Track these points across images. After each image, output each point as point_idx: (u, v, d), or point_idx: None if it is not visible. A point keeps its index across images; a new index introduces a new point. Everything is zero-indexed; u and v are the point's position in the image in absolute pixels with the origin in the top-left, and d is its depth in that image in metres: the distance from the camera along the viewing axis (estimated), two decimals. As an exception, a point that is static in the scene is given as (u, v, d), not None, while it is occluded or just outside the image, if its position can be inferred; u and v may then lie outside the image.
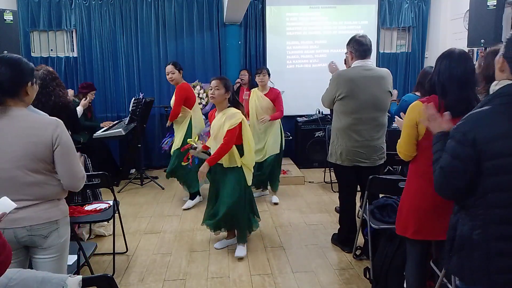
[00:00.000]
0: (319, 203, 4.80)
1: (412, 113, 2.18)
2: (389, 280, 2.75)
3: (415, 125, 2.17)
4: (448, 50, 2.16)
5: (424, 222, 2.22)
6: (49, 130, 1.85)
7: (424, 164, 2.20)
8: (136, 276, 3.16)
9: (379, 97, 3.22)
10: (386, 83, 3.25)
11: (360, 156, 3.27)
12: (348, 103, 3.23)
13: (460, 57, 2.10)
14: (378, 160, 3.32)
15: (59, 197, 1.97)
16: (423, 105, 2.00)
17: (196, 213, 4.48)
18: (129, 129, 5.23)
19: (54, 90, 3.03)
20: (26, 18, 5.83)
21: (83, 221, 3.33)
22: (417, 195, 2.24)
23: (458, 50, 2.14)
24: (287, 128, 6.45)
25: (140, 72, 6.23)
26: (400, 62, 6.72)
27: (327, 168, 5.55)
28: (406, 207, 2.30)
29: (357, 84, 3.19)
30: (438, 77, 2.11)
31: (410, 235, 2.28)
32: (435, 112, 1.89)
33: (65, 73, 6.04)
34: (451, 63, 2.09)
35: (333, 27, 6.45)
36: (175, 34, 6.19)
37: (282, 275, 3.16)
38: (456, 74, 2.07)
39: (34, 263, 1.95)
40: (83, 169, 2.01)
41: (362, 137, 3.24)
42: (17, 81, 1.83)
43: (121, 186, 5.39)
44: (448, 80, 2.08)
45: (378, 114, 3.24)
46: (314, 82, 6.03)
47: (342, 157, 3.32)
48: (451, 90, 2.07)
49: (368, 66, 3.25)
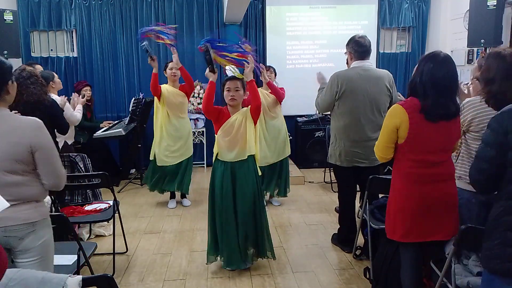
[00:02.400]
0: (319, 203, 4.80)
1: (393, 117, 2.17)
2: (389, 280, 2.75)
3: (395, 129, 2.16)
4: (433, 52, 2.15)
5: (411, 224, 2.21)
6: (28, 131, 1.82)
7: (406, 166, 2.21)
8: (136, 276, 3.16)
9: (376, 97, 3.21)
10: (384, 84, 3.24)
11: (359, 156, 3.27)
12: (346, 103, 3.23)
13: (444, 60, 2.09)
14: (377, 160, 3.30)
15: (38, 198, 1.93)
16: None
17: (196, 213, 4.48)
18: (129, 129, 5.24)
19: (28, 88, 3.03)
20: (26, 18, 5.83)
21: (83, 221, 3.33)
22: (402, 197, 2.24)
23: (443, 54, 2.13)
24: (287, 128, 6.43)
25: (140, 72, 6.23)
26: (400, 62, 6.72)
27: (327, 168, 5.56)
28: (392, 209, 2.30)
29: (355, 84, 3.19)
30: (420, 79, 2.10)
31: (398, 238, 2.27)
32: None
33: (65, 73, 6.05)
34: (435, 66, 2.08)
35: (333, 27, 6.45)
36: (175, 34, 6.18)
37: (282, 275, 3.16)
38: (437, 77, 2.06)
39: (16, 267, 1.92)
40: (63, 168, 1.99)
41: (360, 137, 3.23)
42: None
43: (121, 186, 5.39)
44: (429, 83, 2.07)
45: (376, 115, 3.23)
46: (314, 82, 5.93)
47: (341, 158, 3.32)
48: (430, 94, 2.07)
49: (366, 66, 3.25)
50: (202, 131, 6.19)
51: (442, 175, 2.19)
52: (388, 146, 2.23)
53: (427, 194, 2.17)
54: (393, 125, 2.16)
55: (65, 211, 3.17)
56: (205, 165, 6.28)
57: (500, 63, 2.13)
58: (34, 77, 3.12)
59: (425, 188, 2.17)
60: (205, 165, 6.28)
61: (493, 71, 2.14)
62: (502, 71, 2.10)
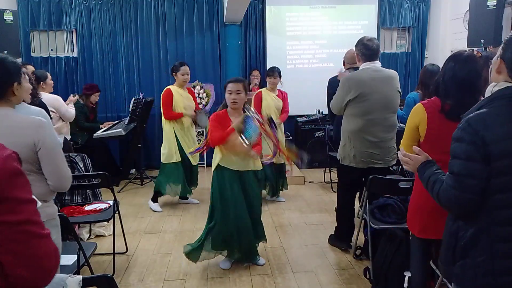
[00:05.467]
0: (319, 203, 4.80)
1: (413, 116, 2.19)
2: (389, 280, 2.75)
3: (416, 128, 2.17)
4: (457, 52, 2.14)
5: (427, 221, 2.22)
6: (31, 131, 1.81)
7: None
8: (136, 276, 3.16)
9: (390, 97, 3.21)
10: (395, 83, 3.26)
11: (374, 157, 3.24)
12: (360, 105, 3.20)
13: (467, 59, 2.07)
14: (392, 160, 3.31)
15: (45, 198, 1.91)
16: (398, 154, 2.01)
17: (196, 213, 4.48)
18: (129, 129, 5.24)
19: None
20: (26, 18, 5.83)
21: (83, 221, 3.33)
22: (422, 195, 2.24)
23: (466, 53, 2.11)
24: (287, 128, 6.44)
25: (140, 72, 6.23)
26: (400, 62, 6.72)
27: (327, 168, 5.56)
28: (412, 206, 2.33)
29: (368, 85, 3.18)
30: (443, 78, 2.10)
31: (416, 233, 2.29)
32: (404, 153, 1.92)
33: (65, 73, 6.05)
34: (456, 65, 2.07)
35: (333, 27, 6.45)
36: (175, 34, 6.20)
37: (282, 275, 3.16)
38: (459, 76, 2.05)
39: None
40: (69, 169, 1.96)
41: (375, 138, 3.21)
42: (2, 81, 1.76)
43: (121, 186, 5.39)
44: (451, 82, 2.06)
45: (390, 115, 3.23)
46: (314, 82, 6.04)
47: (356, 159, 3.27)
48: (452, 93, 2.06)
49: (376, 67, 3.24)
50: (202, 131, 6.19)
51: None
52: (410, 145, 2.23)
53: None
54: (414, 123, 2.17)
55: (65, 211, 3.17)
56: (205, 165, 6.27)
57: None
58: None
59: None
60: (205, 165, 6.28)
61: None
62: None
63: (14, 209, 0.98)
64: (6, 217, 0.97)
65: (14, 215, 0.98)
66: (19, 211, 0.99)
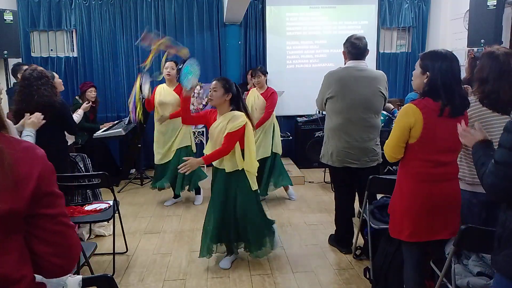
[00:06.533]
0: (319, 203, 4.81)
1: (406, 116, 2.16)
2: (389, 280, 2.75)
3: (408, 129, 2.16)
4: (439, 52, 2.16)
5: (419, 223, 2.22)
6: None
7: (417, 165, 2.21)
8: (136, 276, 3.16)
9: (369, 98, 3.18)
10: (377, 85, 3.21)
11: (350, 157, 3.24)
12: (337, 103, 3.21)
13: (453, 56, 2.13)
14: (370, 162, 3.27)
15: None
16: (457, 125, 2.00)
17: (196, 213, 4.48)
18: (129, 129, 5.24)
19: (39, 89, 3.03)
20: (26, 18, 5.83)
21: (83, 221, 3.33)
22: (410, 197, 2.24)
23: (445, 51, 2.16)
24: (287, 128, 6.47)
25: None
26: (400, 62, 6.72)
27: (327, 168, 5.55)
28: (399, 210, 2.30)
29: (346, 83, 3.17)
30: (441, 79, 2.09)
31: (405, 237, 2.27)
32: (465, 127, 1.93)
33: (65, 73, 6.04)
34: (452, 64, 2.10)
35: (333, 27, 6.45)
36: (175, 34, 6.18)
37: (282, 275, 3.16)
38: (457, 73, 2.10)
39: None
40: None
41: (351, 137, 3.21)
42: None
43: (121, 186, 5.39)
44: (453, 80, 2.09)
45: (370, 115, 3.21)
46: (314, 82, 5.94)
47: (333, 157, 3.29)
48: (456, 90, 2.09)
49: (360, 66, 3.22)
50: (202, 131, 6.19)
51: (450, 174, 2.21)
52: (400, 146, 2.23)
53: (435, 193, 2.18)
54: (407, 124, 2.15)
55: (65, 211, 3.17)
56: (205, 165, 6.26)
57: (493, 62, 2.14)
58: (45, 78, 3.11)
59: (433, 187, 2.18)
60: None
61: (486, 71, 2.16)
62: (495, 71, 2.11)
63: (54, 202, 1.09)
64: (48, 210, 1.07)
65: (54, 208, 1.08)
66: (57, 205, 1.09)
